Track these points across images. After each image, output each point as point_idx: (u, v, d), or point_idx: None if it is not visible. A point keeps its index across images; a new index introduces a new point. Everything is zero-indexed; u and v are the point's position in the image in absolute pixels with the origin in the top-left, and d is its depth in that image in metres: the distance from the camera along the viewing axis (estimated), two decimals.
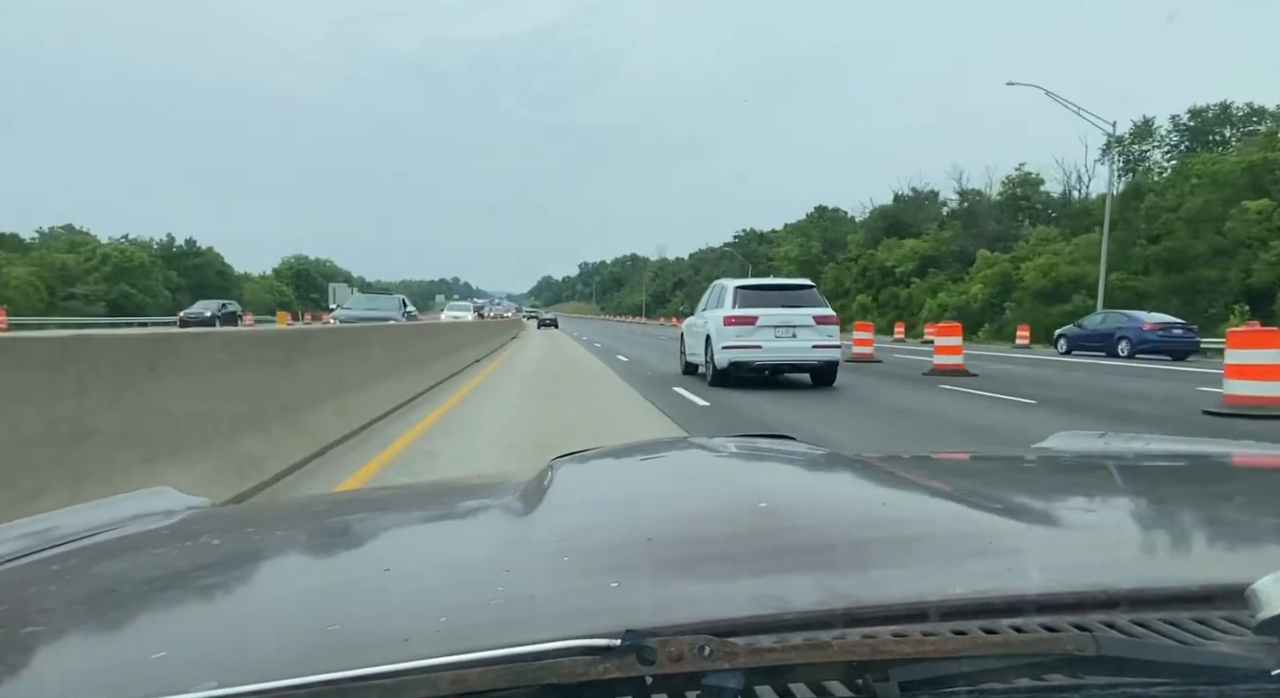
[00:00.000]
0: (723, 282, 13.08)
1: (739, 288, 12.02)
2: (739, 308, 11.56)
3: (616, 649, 0.45)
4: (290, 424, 5.68)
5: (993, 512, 0.82)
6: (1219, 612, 0.57)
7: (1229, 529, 0.84)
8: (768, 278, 15.86)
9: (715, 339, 11.65)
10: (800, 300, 11.88)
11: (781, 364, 11.77)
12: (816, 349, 11.50)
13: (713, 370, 11.77)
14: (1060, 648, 0.46)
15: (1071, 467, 1.26)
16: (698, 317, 13.23)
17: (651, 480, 1.13)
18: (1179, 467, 1.26)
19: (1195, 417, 8.28)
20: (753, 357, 11.40)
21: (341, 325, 13.79)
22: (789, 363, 11.75)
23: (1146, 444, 1.39)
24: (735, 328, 11.41)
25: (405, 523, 1.01)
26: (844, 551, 0.74)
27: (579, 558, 0.73)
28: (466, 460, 5.82)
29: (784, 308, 11.52)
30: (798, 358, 11.59)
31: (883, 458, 1.12)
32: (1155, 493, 1.08)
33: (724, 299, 11.96)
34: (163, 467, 3.93)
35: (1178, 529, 0.86)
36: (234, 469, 4.58)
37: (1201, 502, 1.00)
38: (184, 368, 4.47)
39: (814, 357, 11.56)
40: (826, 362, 11.69)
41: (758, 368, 11.61)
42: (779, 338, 11.38)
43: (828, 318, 11.72)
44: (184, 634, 0.63)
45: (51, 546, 0.84)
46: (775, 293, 12.09)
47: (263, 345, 5.84)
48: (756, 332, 11.34)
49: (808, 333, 11.46)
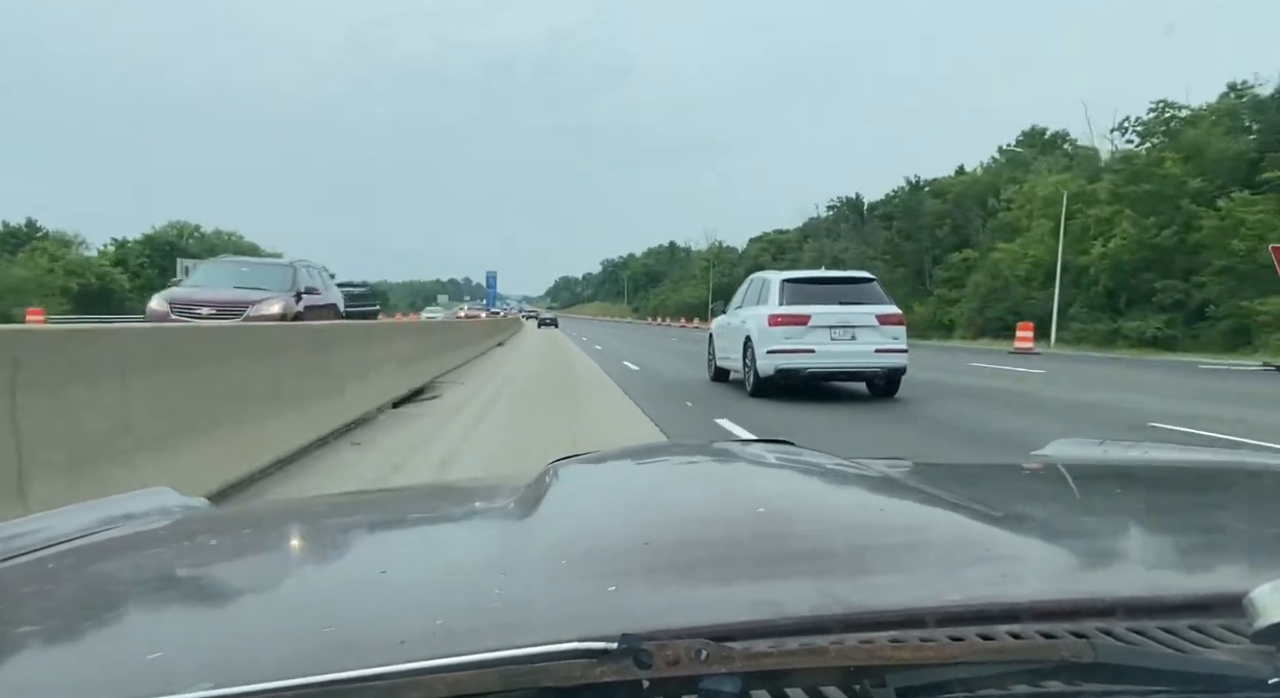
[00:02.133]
0: (765, 274, 11.43)
1: (786, 281, 10.28)
2: (787, 305, 9.83)
3: (613, 653, 0.45)
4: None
5: (991, 518, 0.81)
6: (1216, 620, 0.57)
7: (1227, 537, 0.84)
8: (819, 270, 13.38)
9: (758, 342, 9.91)
10: (860, 296, 10.10)
11: (838, 372, 10.04)
12: (880, 354, 9.76)
13: (754, 378, 10.04)
14: (1057, 655, 0.46)
15: (1070, 474, 1.26)
16: (731, 315, 11.62)
17: (650, 485, 1.13)
18: (1177, 474, 1.26)
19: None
20: (804, 363, 9.69)
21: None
22: (848, 370, 10.04)
23: (1145, 452, 1.39)
24: (783, 329, 9.69)
25: (402, 525, 1.01)
26: (842, 556, 0.74)
27: (576, 561, 0.72)
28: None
29: (841, 305, 9.82)
30: (858, 365, 9.87)
31: (881, 464, 1.12)
32: (1153, 501, 1.08)
33: (768, 294, 10.26)
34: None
35: (1175, 537, 0.86)
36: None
37: (1199, 510, 1.00)
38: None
39: (877, 363, 9.83)
40: (892, 369, 9.92)
41: (808, 376, 9.91)
42: (835, 341, 9.69)
43: (892, 317, 9.97)
44: (180, 635, 0.63)
45: (47, 545, 0.84)
46: (830, 287, 10.27)
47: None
48: (808, 333, 9.64)
49: (869, 335, 9.76)
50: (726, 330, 11.74)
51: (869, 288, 10.34)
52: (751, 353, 10.09)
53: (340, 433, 6.79)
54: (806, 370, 9.76)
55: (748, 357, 10.28)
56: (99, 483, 3.42)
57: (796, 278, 10.55)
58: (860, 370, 10.02)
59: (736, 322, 11.07)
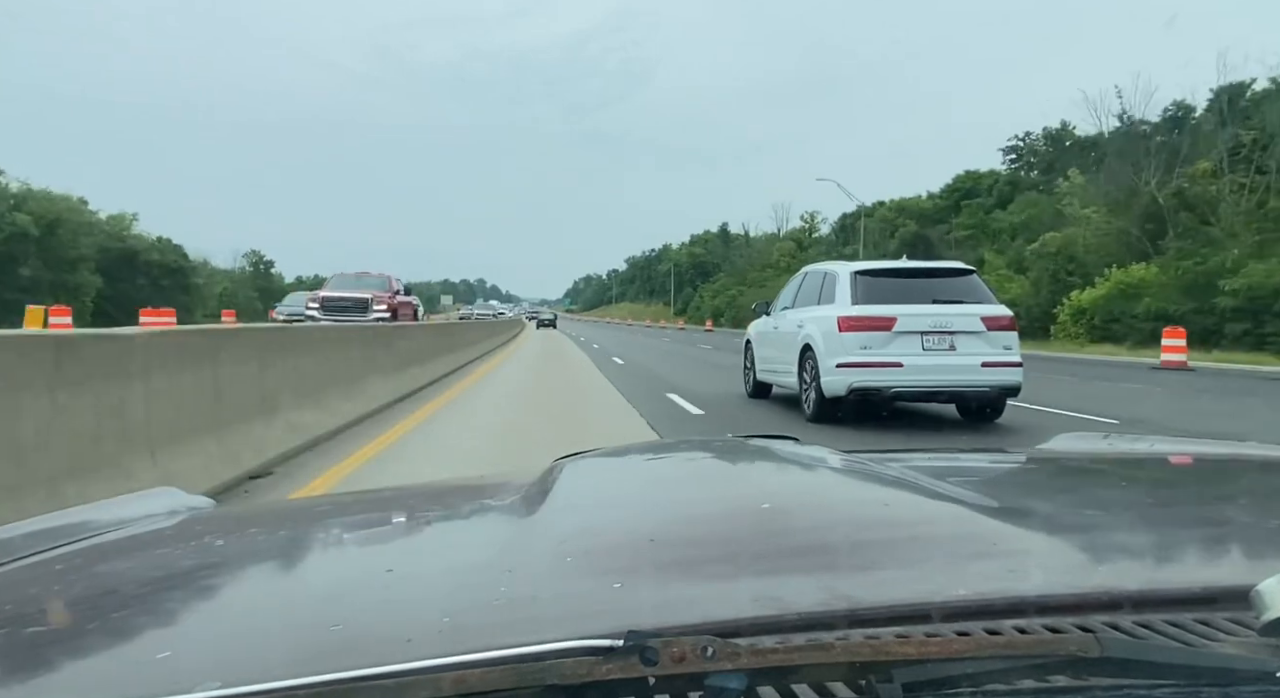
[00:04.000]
0: (827, 265, 8.95)
1: (860, 274, 7.91)
2: (862, 304, 7.60)
3: (619, 650, 0.45)
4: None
5: (996, 513, 0.81)
6: (1223, 613, 0.57)
7: (1233, 530, 0.84)
8: (900, 260, 10.46)
9: (823, 352, 7.65)
10: (958, 292, 7.79)
11: (933, 392, 7.68)
12: (988, 369, 7.42)
13: (817, 399, 7.74)
14: (1064, 649, 0.46)
15: (1075, 468, 1.26)
16: (778, 317, 9.33)
17: (654, 481, 1.13)
18: (1183, 468, 1.26)
19: None
20: (887, 380, 7.40)
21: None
22: (946, 390, 7.62)
23: (1151, 445, 1.39)
24: (859, 335, 7.44)
25: (408, 523, 1.01)
26: (847, 552, 0.74)
27: (582, 559, 0.73)
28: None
29: (934, 304, 7.58)
30: (959, 382, 7.47)
31: (886, 459, 1.12)
32: (1159, 494, 1.07)
33: (835, 290, 7.98)
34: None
35: (1181, 530, 0.85)
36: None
37: (1205, 503, 1.00)
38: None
39: (984, 380, 7.45)
40: (1004, 388, 7.55)
41: (892, 397, 7.64)
42: (929, 351, 7.39)
43: (1001, 320, 7.67)
44: (187, 634, 0.63)
45: (55, 546, 0.84)
46: (918, 282, 7.97)
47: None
48: (893, 341, 7.39)
49: (973, 343, 7.44)
50: (772, 337, 9.43)
51: (969, 282, 7.98)
52: (813, 366, 7.81)
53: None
54: (891, 390, 7.47)
55: (806, 370, 8.01)
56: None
57: (873, 269, 8.11)
58: (962, 390, 7.61)
59: (788, 326, 8.80)
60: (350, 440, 6.90)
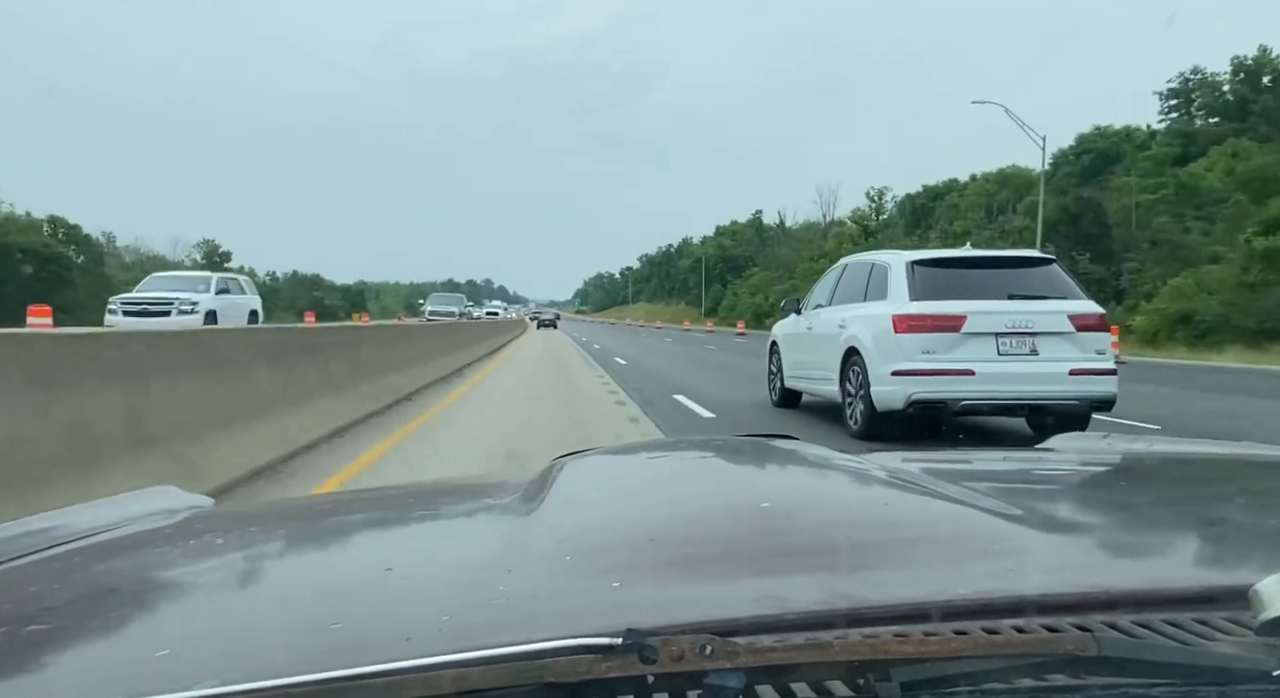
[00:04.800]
0: (875, 255, 7.74)
1: (918, 264, 6.66)
2: (922, 300, 6.36)
3: (618, 648, 0.45)
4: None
5: (994, 512, 0.81)
6: (1221, 613, 0.57)
7: (1231, 530, 0.84)
8: (963, 249, 8.74)
9: (874, 357, 6.47)
10: (1038, 286, 6.52)
11: (1013, 403, 6.42)
12: (1077, 378, 6.18)
13: (866, 412, 6.53)
14: (1062, 649, 0.46)
15: (1074, 468, 1.26)
16: (811, 316, 8.16)
17: (654, 480, 1.13)
18: (1180, 468, 1.26)
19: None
20: (956, 390, 6.14)
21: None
22: (1028, 401, 6.39)
23: (1149, 445, 1.39)
24: (919, 337, 6.23)
25: (407, 522, 1.01)
26: (846, 551, 0.74)
27: (581, 557, 0.73)
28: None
29: (1011, 300, 6.33)
30: (1043, 393, 6.23)
31: (885, 458, 1.12)
32: (1157, 494, 1.08)
33: (887, 284, 6.74)
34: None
35: (1179, 530, 0.86)
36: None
37: (1203, 503, 1.00)
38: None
39: (1073, 391, 6.21)
40: (1096, 400, 6.28)
41: (959, 410, 6.38)
42: (1006, 357, 6.18)
43: (1092, 319, 6.38)
44: (187, 633, 0.63)
45: (54, 544, 0.84)
46: (990, 273, 6.68)
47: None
48: (963, 344, 6.19)
49: (1059, 346, 6.23)
50: (805, 339, 8.22)
51: (1049, 274, 6.71)
52: (861, 373, 6.67)
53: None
54: (960, 402, 6.20)
55: (851, 378, 6.88)
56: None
57: (933, 259, 6.87)
58: (1047, 402, 6.35)
59: (826, 326, 7.61)
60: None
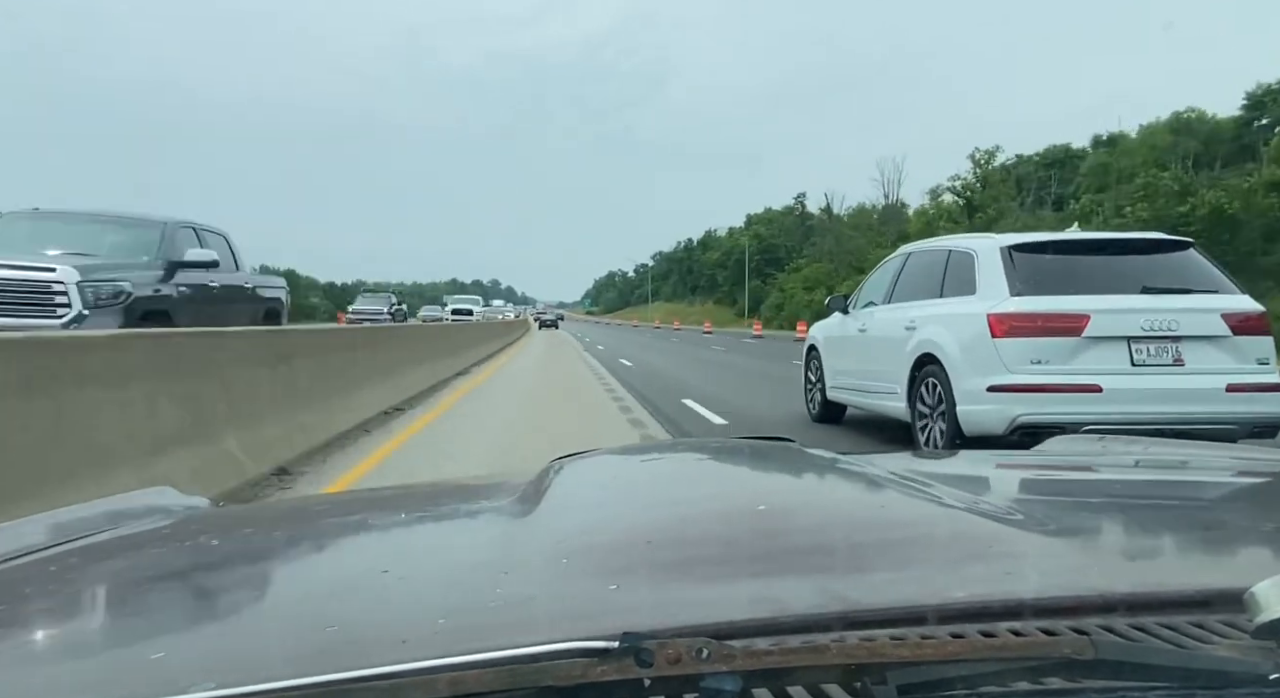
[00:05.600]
0: (953, 240, 6.21)
1: (1016, 250, 5.20)
2: (1025, 295, 4.98)
3: (614, 651, 0.45)
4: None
5: (991, 516, 0.82)
6: (1217, 616, 0.57)
7: (1227, 534, 0.84)
8: (1071, 230, 7.27)
9: (961, 367, 5.10)
10: (1176, 276, 5.12)
11: (1155, 426, 4.57)
12: (1236, 395, 4.76)
13: (950, 435, 5.11)
14: (1058, 652, 0.47)
15: (1070, 471, 1.26)
16: (861, 316, 6.86)
17: (651, 483, 1.13)
18: (1177, 471, 1.26)
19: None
20: (1078, 412, 4.67)
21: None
22: (1173, 424, 4.60)
23: (1145, 449, 1.39)
24: (1026, 342, 4.85)
25: (404, 524, 1.01)
26: (842, 554, 0.74)
27: (578, 560, 0.73)
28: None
29: (1145, 294, 4.97)
30: (1192, 414, 4.70)
31: (882, 461, 1.12)
32: (1153, 497, 1.08)
33: (976, 275, 5.34)
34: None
35: (1175, 534, 0.86)
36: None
37: (1199, 506, 1.00)
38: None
39: (1230, 412, 4.75)
40: (1263, 424, 4.82)
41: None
42: (1143, 367, 4.79)
43: (1252, 318, 4.95)
44: (182, 635, 0.63)
45: (50, 545, 0.84)
46: (1114, 261, 5.28)
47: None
48: (1085, 351, 4.80)
49: (1210, 354, 4.84)
50: (856, 343, 6.85)
51: (1187, 260, 5.24)
52: (941, 387, 5.25)
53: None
54: (1085, 426, 4.36)
55: (926, 394, 5.49)
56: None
57: (1036, 243, 5.31)
58: (1198, 425, 4.63)
59: (887, 328, 6.22)
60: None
